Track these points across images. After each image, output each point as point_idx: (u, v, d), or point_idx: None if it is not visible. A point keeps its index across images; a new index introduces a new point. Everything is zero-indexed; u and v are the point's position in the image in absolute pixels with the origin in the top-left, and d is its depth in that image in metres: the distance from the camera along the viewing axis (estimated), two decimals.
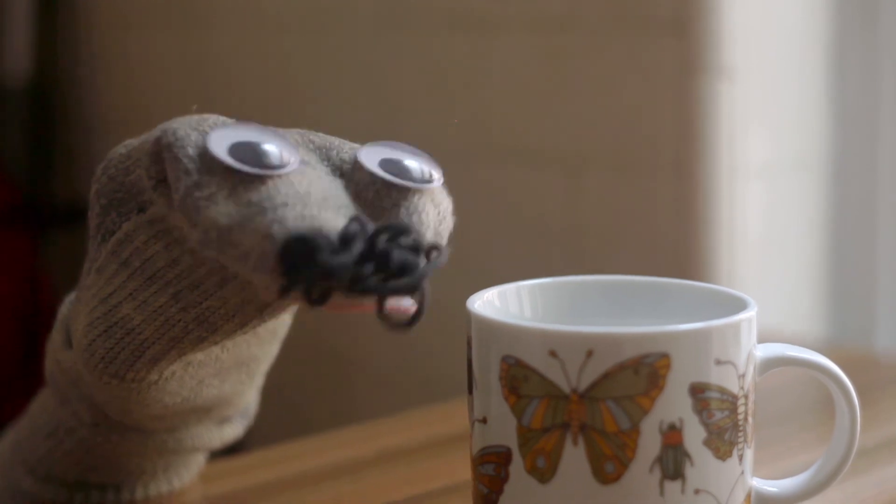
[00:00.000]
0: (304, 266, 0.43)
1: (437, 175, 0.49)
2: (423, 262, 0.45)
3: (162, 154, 0.47)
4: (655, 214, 1.06)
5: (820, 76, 1.12)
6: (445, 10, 1.19)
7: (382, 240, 0.44)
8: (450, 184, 0.51)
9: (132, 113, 1.54)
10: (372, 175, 0.48)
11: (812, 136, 1.12)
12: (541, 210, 1.14)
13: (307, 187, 0.46)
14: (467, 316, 0.50)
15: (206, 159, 0.45)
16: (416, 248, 0.45)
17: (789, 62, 1.10)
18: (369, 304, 0.44)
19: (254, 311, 0.50)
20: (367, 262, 0.43)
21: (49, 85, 1.62)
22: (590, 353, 0.46)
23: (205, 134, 0.47)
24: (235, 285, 0.49)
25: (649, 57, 1.04)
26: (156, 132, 0.48)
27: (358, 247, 0.43)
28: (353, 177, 0.48)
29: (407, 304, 0.44)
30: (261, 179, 0.45)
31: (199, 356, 0.53)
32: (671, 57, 1.03)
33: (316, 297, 0.43)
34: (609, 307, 0.56)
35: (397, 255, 0.44)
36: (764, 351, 0.50)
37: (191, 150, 0.46)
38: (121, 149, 0.52)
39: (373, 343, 1.29)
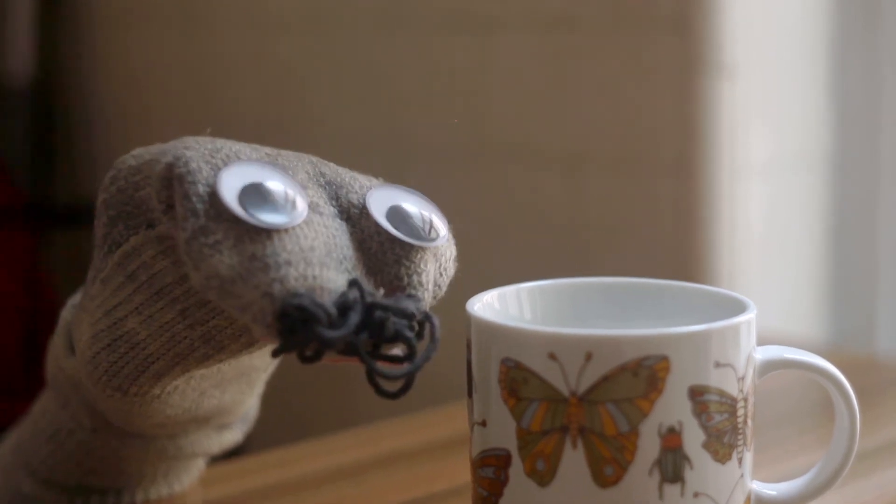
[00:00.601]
0: (300, 332, 0.44)
1: (442, 231, 0.50)
2: (414, 333, 0.46)
3: (172, 182, 0.47)
4: (656, 213, 1.06)
5: (821, 74, 1.12)
6: (447, 9, 1.19)
7: (378, 313, 0.45)
8: (450, 183, 0.51)
9: (134, 113, 1.55)
10: (378, 226, 0.49)
11: (813, 135, 1.12)
12: (541, 209, 1.14)
13: (312, 241, 0.46)
14: (467, 318, 0.50)
15: (215, 202, 0.45)
16: (410, 320, 0.46)
17: (790, 61, 1.10)
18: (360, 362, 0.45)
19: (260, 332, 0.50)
20: (362, 332, 0.44)
21: (51, 85, 1.62)
22: (589, 356, 0.46)
23: (216, 169, 0.46)
24: None
25: (650, 56, 1.04)
26: (168, 157, 0.48)
27: (354, 318, 0.44)
28: (359, 223, 0.49)
29: (399, 367, 0.45)
30: (267, 233, 0.45)
31: (199, 372, 0.53)
32: (672, 56, 1.03)
33: (309, 355, 0.44)
34: (609, 309, 0.56)
35: (392, 326, 0.45)
36: (763, 353, 0.50)
37: (201, 189, 0.46)
38: (130, 160, 0.51)
39: None
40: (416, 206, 0.50)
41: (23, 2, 1.58)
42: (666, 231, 1.05)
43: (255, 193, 0.46)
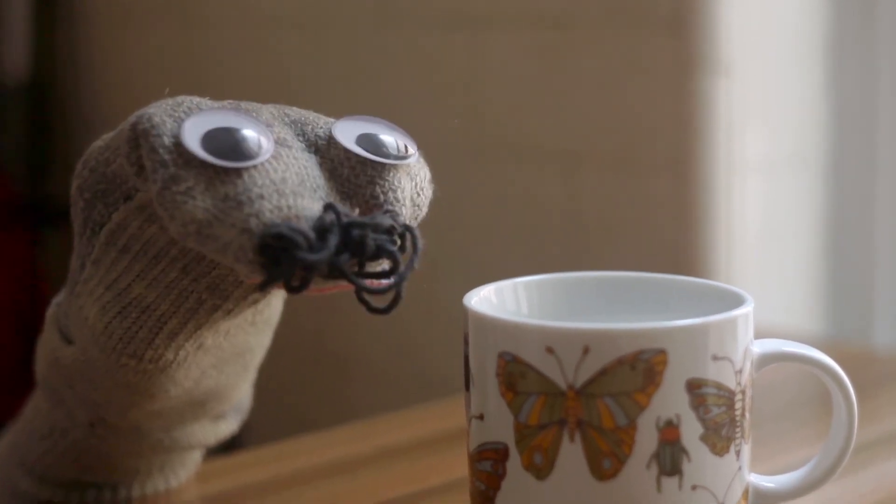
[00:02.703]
0: (282, 261, 0.44)
1: (412, 149, 0.50)
2: (397, 246, 0.46)
3: (139, 140, 0.47)
4: (653, 211, 1.06)
5: (818, 72, 1.12)
6: (442, 7, 1.19)
7: (356, 231, 0.45)
8: (447, 181, 0.51)
9: (130, 110, 1.54)
10: (347, 151, 0.49)
11: (810, 133, 1.12)
12: (538, 207, 1.14)
13: (283, 173, 0.46)
14: (464, 312, 0.50)
15: (182, 151, 0.46)
16: (390, 234, 0.46)
17: (787, 58, 1.10)
18: (347, 285, 0.45)
19: None
20: (344, 252, 0.45)
21: (47, 84, 1.62)
22: (586, 350, 0.46)
23: (180, 121, 0.47)
24: None
25: (647, 54, 1.04)
26: (131, 118, 0.48)
27: (333, 239, 0.44)
28: (328, 153, 0.49)
29: (384, 283, 0.46)
30: (237, 171, 0.45)
31: (208, 340, 0.53)
32: (669, 54, 1.03)
33: (296, 284, 0.45)
34: (606, 303, 0.56)
35: (372, 243, 0.45)
36: (761, 347, 0.50)
37: (167, 140, 0.46)
38: (98, 142, 0.52)
39: (369, 341, 1.29)
40: (385, 131, 0.51)
41: (19, 2, 1.58)
42: (663, 228, 1.05)
43: (220, 137, 0.46)
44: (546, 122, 1.13)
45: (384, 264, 0.46)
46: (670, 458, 0.47)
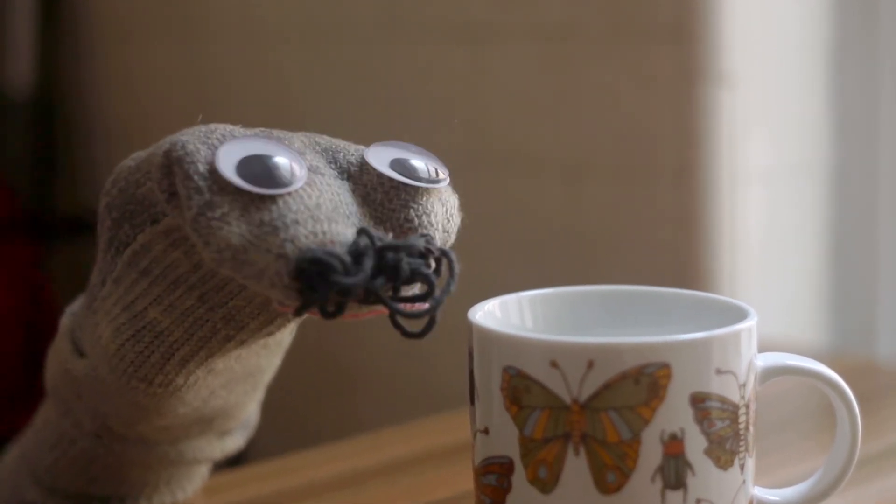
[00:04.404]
0: (318, 286, 0.44)
1: (443, 174, 0.51)
2: (432, 269, 0.46)
3: (172, 168, 0.47)
4: (656, 221, 1.06)
5: (820, 82, 1.12)
6: (445, 19, 1.19)
7: (391, 255, 0.45)
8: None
9: (134, 124, 1.55)
10: (380, 176, 0.49)
11: (812, 143, 1.12)
12: (541, 218, 1.14)
13: (317, 199, 0.46)
14: (468, 327, 0.50)
15: (216, 178, 0.46)
16: (425, 258, 0.46)
17: (789, 68, 1.10)
18: (382, 310, 0.46)
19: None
20: (379, 276, 0.45)
21: (51, 96, 1.62)
22: (591, 364, 0.46)
23: (213, 148, 0.47)
24: None
25: (649, 64, 1.05)
26: (164, 144, 0.48)
27: (369, 262, 0.45)
28: (360, 179, 0.49)
29: (420, 306, 0.46)
30: (271, 198, 0.46)
31: (219, 365, 0.53)
32: (671, 64, 1.03)
33: (331, 310, 0.45)
34: (610, 317, 0.56)
35: (406, 266, 0.45)
36: (764, 360, 0.50)
37: (201, 167, 0.46)
38: (129, 161, 0.52)
39: (374, 354, 1.30)
40: (416, 156, 0.51)
41: (23, 13, 1.58)
42: (666, 239, 1.05)
43: (254, 164, 0.46)
44: (549, 133, 1.13)
45: (417, 288, 0.46)
46: (674, 471, 0.47)
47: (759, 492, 0.51)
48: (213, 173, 0.46)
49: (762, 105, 1.06)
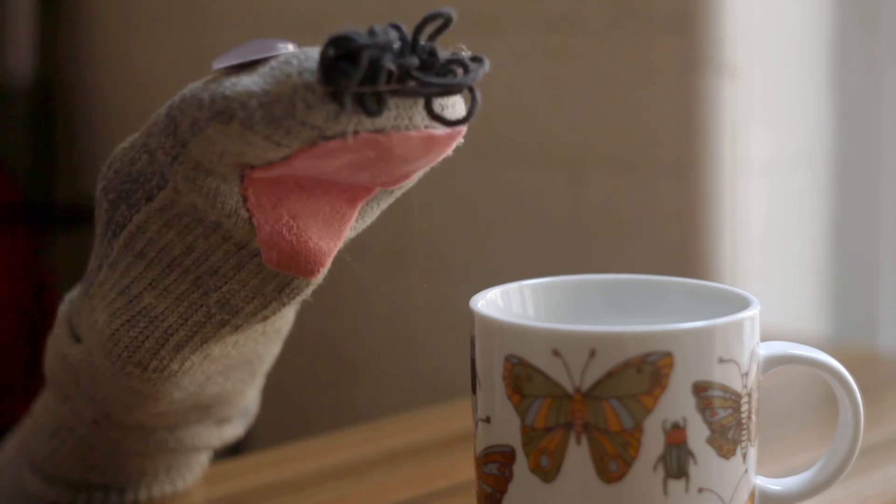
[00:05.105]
0: (348, 69, 0.43)
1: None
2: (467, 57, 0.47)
3: (174, 116, 0.47)
4: (658, 212, 1.06)
5: (822, 73, 1.12)
6: None
7: (419, 41, 0.45)
8: (452, 183, 0.51)
9: (134, 114, 1.54)
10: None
11: (814, 134, 1.12)
12: (543, 209, 1.14)
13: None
14: (470, 315, 0.50)
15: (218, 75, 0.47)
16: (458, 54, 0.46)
17: (791, 59, 1.10)
18: (427, 133, 0.45)
19: (273, 292, 0.50)
20: (412, 56, 0.45)
21: (51, 86, 1.62)
22: (593, 353, 0.46)
23: (209, 91, 0.47)
24: (252, 268, 0.50)
25: (651, 55, 1.04)
26: (162, 109, 0.49)
27: (394, 34, 0.45)
28: None
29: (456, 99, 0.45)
30: (273, 57, 0.46)
31: (215, 350, 0.53)
32: (673, 55, 1.03)
33: (374, 107, 0.44)
34: (612, 306, 0.56)
35: (443, 52, 0.45)
36: (767, 349, 0.50)
37: (206, 96, 0.46)
38: (123, 144, 0.52)
39: (375, 344, 1.30)
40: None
41: (23, 2, 1.58)
42: (668, 230, 1.05)
43: (247, 54, 0.47)
44: (550, 124, 1.13)
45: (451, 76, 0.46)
46: (677, 460, 0.47)
47: (761, 481, 0.51)
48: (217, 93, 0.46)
49: (763, 96, 1.06)
